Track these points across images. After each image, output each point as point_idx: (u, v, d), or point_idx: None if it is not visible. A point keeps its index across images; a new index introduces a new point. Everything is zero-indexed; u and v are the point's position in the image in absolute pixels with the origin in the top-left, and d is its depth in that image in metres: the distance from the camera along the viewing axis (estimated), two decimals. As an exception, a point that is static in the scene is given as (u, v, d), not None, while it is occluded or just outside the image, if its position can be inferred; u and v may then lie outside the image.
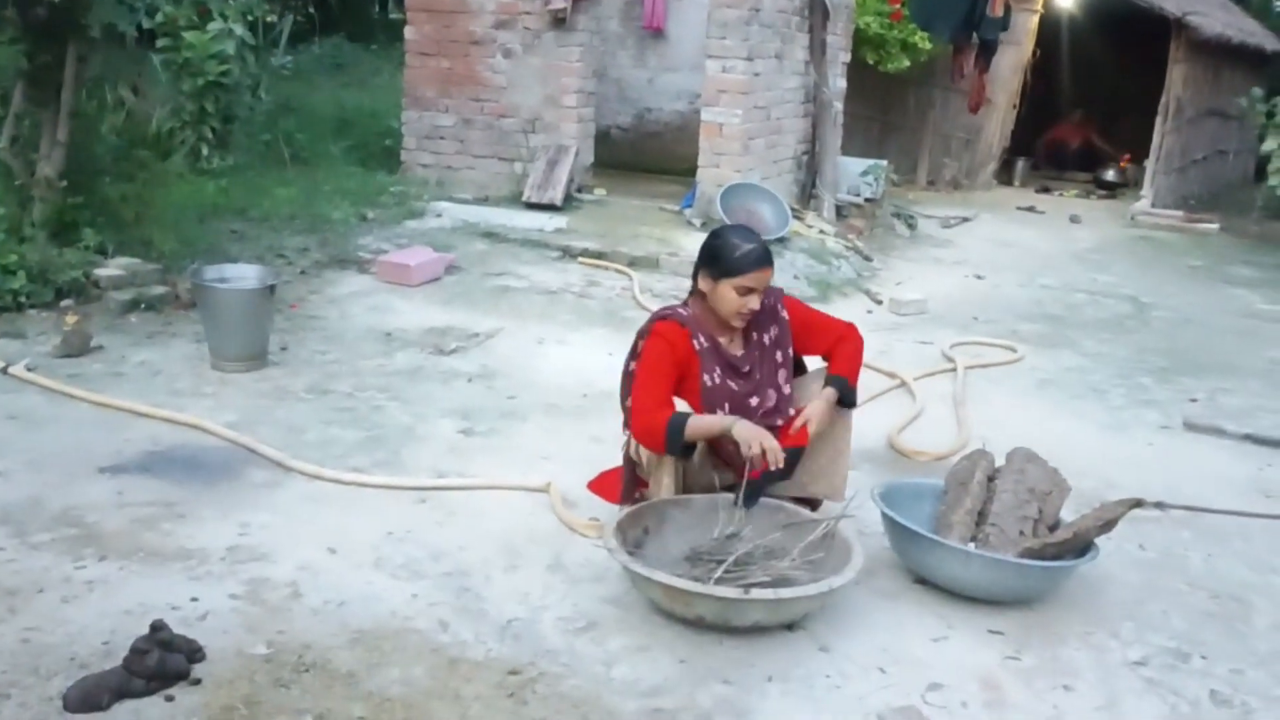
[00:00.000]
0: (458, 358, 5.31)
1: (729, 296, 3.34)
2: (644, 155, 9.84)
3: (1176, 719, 2.72)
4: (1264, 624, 3.23)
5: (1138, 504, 3.36)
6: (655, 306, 6.26)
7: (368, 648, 2.79)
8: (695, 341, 3.38)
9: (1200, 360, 6.20)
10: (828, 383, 3.41)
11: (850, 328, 3.59)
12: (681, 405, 3.28)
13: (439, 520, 3.57)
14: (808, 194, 9.01)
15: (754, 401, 3.41)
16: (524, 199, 8.03)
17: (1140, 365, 6.02)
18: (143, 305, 5.53)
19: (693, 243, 7.21)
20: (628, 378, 3.43)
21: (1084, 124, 14.89)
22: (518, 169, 8.37)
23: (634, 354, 3.43)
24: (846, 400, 3.41)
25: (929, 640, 3.03)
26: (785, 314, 3.53)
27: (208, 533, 3.34)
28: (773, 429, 3.30)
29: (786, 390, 3.48)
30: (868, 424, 3.79)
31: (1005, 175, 13.89)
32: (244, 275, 5.05)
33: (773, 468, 3.13)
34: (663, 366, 3.31)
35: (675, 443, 3.22)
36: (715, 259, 3.37)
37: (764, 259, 3.35)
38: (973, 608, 3.17)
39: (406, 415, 4.51)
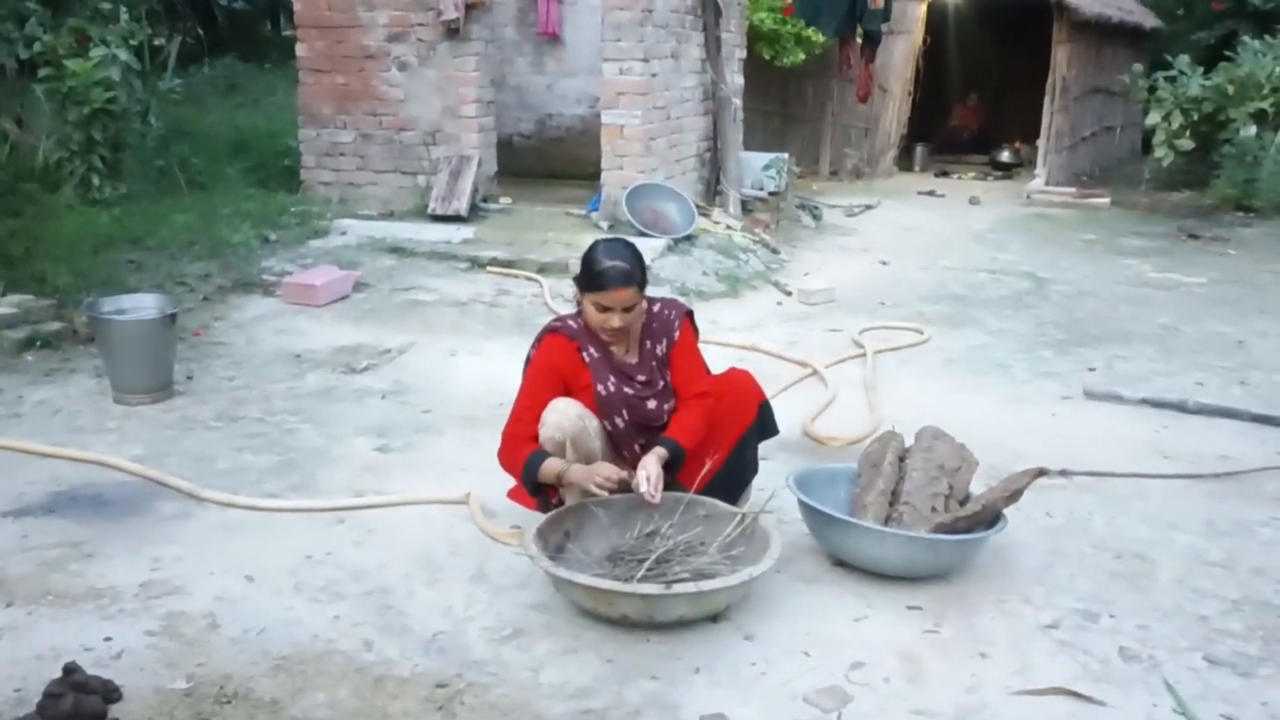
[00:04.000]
0: (370, 375, 5.26)
1: (589, 311, 3.31)
2: (548, 161, 9.84)
3: (1088, 677, 2.82)
4: (1166, 579, 3.36)
5: (1042, 473, 3.48)
6: (566, 312, 6.30)
7: (291, 674, 2.76)
8: (584, 354, 3.37)
9: (1097, 330, 6.41)
10: (661, 443, 3.29)
11: (711, 394, 3.41)
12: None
13: (358, 540, 3.53)
14: (712, 191, 9.10)
15: (652, 405, 3.40)
16: (429, 212, 7.98)
17: (1041, 339, 6.21)
18: (38, 343, 5.37)
19: (601, 245, 7.23)
20: None
21: (979, 107, 15.29)
22: (421, 182, 8.31)
23: (527, 362, 3.45)
24: (673, 465, 3.30)
25: (850, 620, 3.09)
26: (678, 335, 3.46)
27: (118, 570, 3.27)
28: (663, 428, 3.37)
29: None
30: (782, 414, 3.84)
31: (905, 161, 14.20)
32: (143, 305, 4.94)
33: (614, 488, 3.17)
34: (544, 384, 3.33)
35: (531, 474, 3.24)
36: (581, 271, 3.33)
37: (620, 279, 3.22)
38: (891, 586, 3.25)
39: (320, 436, 4.45)
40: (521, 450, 3.26)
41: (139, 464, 4.03)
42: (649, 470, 3.21)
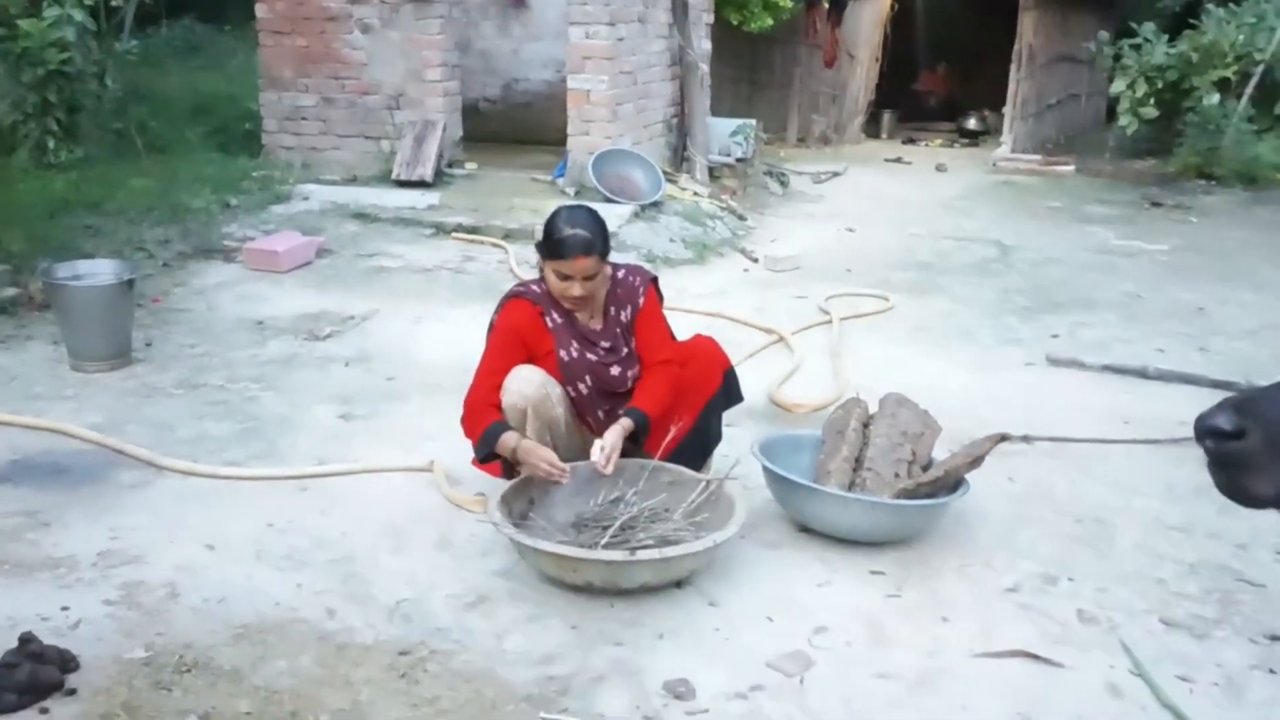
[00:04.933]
0: (333, 342, 5.20)
1: (551, 279, 3.30)
2: (514, 126, 9.73)
3: (1047, 640, 2.86)
4: (1126, 543, 3.41)
5: (1004, 438, 3.51)
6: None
7: (252, 642, 2.74)
8: (548, 319, 3.36)
9: (1061, 297, 6.45)
10: (626, 413, 3.29)
11: (675, 361, 3.40)
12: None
13: (321, 508, 3.51)
14: (680, 157, 9.04)
15: (615, 371, 3.40)
16: (393, 177, 7.88)
17: (1005, 306, 6.24)
18: (-7, 309, 5.27)
19: (567, 212, 7.18)
20: None
21: (947, 76, 15.27)
22: (385, 147, 8.21)
23: (490, 328, 3.43)
24: (640, 435, 3.30)
25: (814, 586, 3.11)
26: (642, 301, 3.44)
27: (76, 539, 3.23)
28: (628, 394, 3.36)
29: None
30: (748, 381, 3.84)
31: (872, 128, 14.18)
32: (99, 271, 4.85)
33: (561, 480, 3.14)
34: (507, 349, 3.31)
35: (489, 442, 3.21)
36: (543, 238, 3.31)
37: (580, 248, 3.19)
38: (854, 551, 3.27)
39: (283, 404, 4.41)
40: (483, 418, 3.24)
41: (97, 432, 3.98)
42: (607, 440, 3.21)
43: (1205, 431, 1.37)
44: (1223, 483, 1.41)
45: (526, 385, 3.25)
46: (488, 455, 3.27)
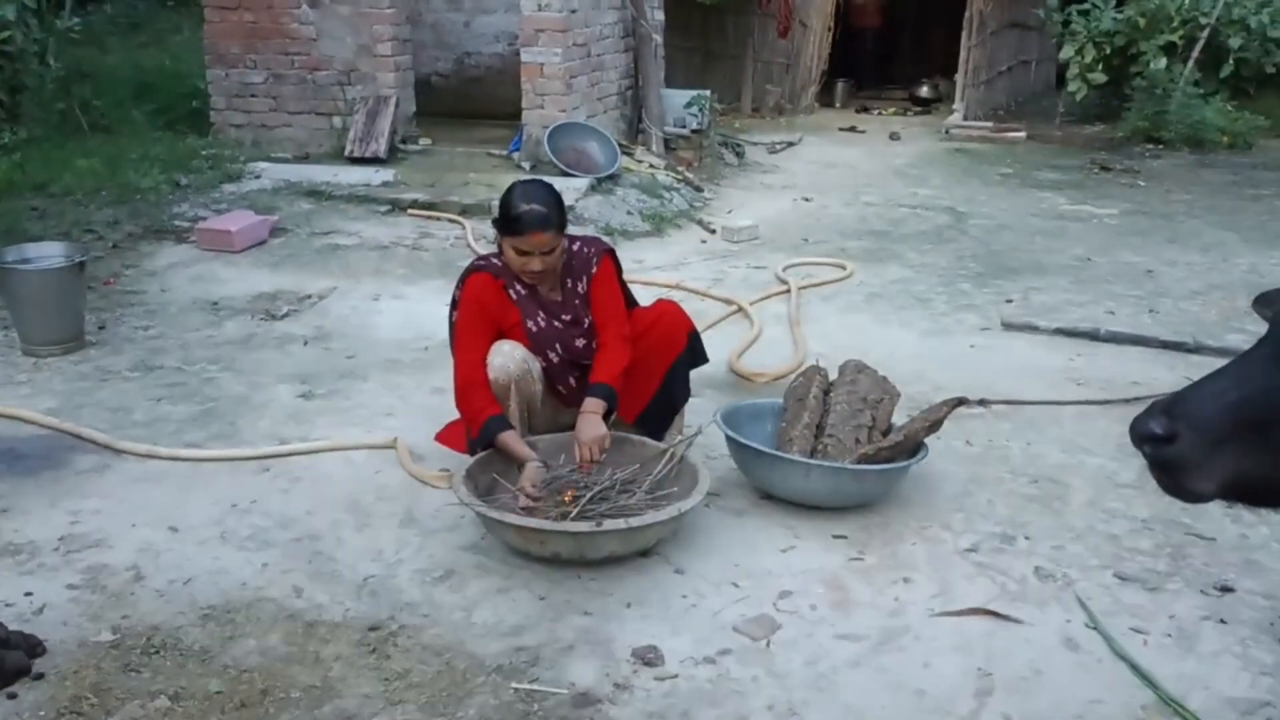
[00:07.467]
0: (291, 321, 5.17)
1: (509, 254, 3.31)
2: (468, 101, 9.66)
3: (1005, 597, 2.92)
4: (1079, 501, 3.48)
5: (961, 402, 3.57)
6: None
7: (220, 622, 2.74)
8: (511, 291, 3.37)
9: (1014, 263, 6.53)
10: (591, 392, 3.30)
11: (631, 336, 3.41)
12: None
13: (284, 488, 3.50)
14: (635, 129, 9.03)
15: (580, 343, 3.42)
16: (347, 154, 7.81)
17: (960, 272, 6.31)
18: (-60, 295, 5.16)
19: (523, 186, 7.14)
20: (453, 328, 3.43)
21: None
22: (337, 123, 8.12)
23: (454, 304, 3.43)
24: (611, 408, 3.32)
25: (778, 551, 3.15)
26: (596, 269, 3.45)
27: (35, 525, 3.20)
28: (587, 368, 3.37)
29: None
30: (709, 351, 3.86)
31: (826, 97, 14.20)
32: (48, 254, 4.77)
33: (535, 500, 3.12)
34: (478, 324, 3.32)
35: (485, 441, 3.21)
36: (499, 215, 3.32)
37: (537, 223, 3.20)
38: (817, 517, 3.31)
39: (241, 385, 4.38)
40: (480, 407, 3.23)
41: (53, 416, 3.93)
42: (593, 439, 3.20)
43: (1140, 437, 1.42)
44: (1164, 483, 1.44)
45: (509, 361, 3.28)
46: (486, 444, 3.23)
